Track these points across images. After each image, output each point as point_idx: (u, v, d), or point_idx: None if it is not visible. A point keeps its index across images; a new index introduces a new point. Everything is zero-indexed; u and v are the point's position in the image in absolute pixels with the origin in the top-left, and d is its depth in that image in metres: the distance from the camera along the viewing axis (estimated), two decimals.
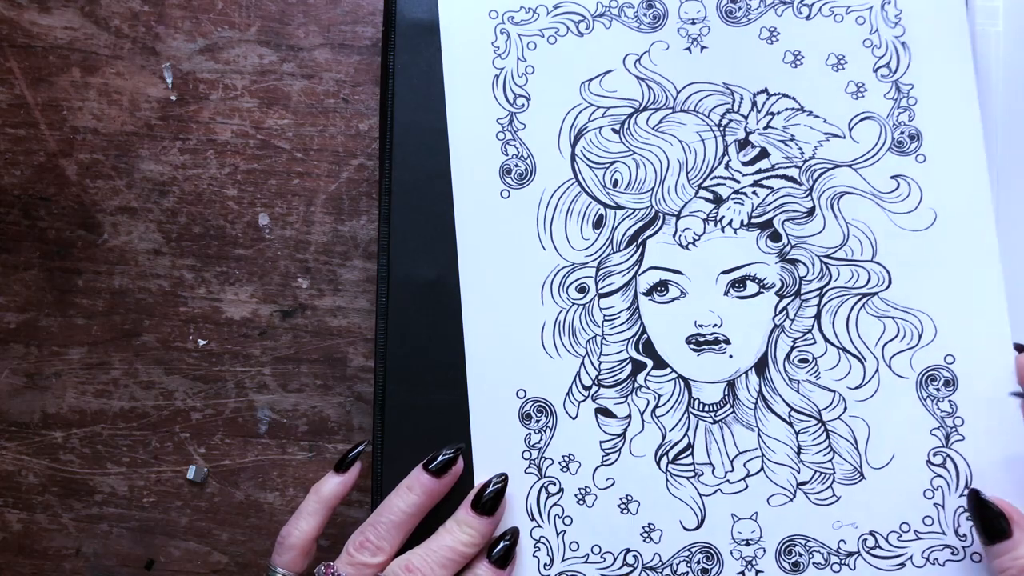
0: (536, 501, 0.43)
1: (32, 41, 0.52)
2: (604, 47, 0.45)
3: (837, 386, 0.43)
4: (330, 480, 0.44)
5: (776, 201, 0.44)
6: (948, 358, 0.43)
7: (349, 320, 0.50)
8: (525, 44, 0.45)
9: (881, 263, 0.44)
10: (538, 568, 0.43)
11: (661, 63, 0.45)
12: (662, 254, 0.44)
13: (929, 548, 0.42)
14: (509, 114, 0.45)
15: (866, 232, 0.44)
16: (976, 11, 0.47)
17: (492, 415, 0.44)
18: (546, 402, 0.44)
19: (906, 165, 0.44)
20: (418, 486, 0.42)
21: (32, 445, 0.51)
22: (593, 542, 0.43)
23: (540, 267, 0.44)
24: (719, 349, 0.44)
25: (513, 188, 0.45)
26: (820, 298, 0.44)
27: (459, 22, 0.45)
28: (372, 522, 0.42)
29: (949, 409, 0.43)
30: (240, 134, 0.51)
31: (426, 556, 0.41)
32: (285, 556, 0.43)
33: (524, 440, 0.44)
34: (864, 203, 0.44)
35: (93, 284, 0.51)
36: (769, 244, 0.44)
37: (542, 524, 0.43)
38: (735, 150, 0.44)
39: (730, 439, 0.44)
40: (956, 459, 0.43)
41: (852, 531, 0.43)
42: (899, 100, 0.44)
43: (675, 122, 0.45)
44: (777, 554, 0.43)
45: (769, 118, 0.44)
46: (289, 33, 0.51)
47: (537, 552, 0.43)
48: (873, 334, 0.43)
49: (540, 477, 0.44)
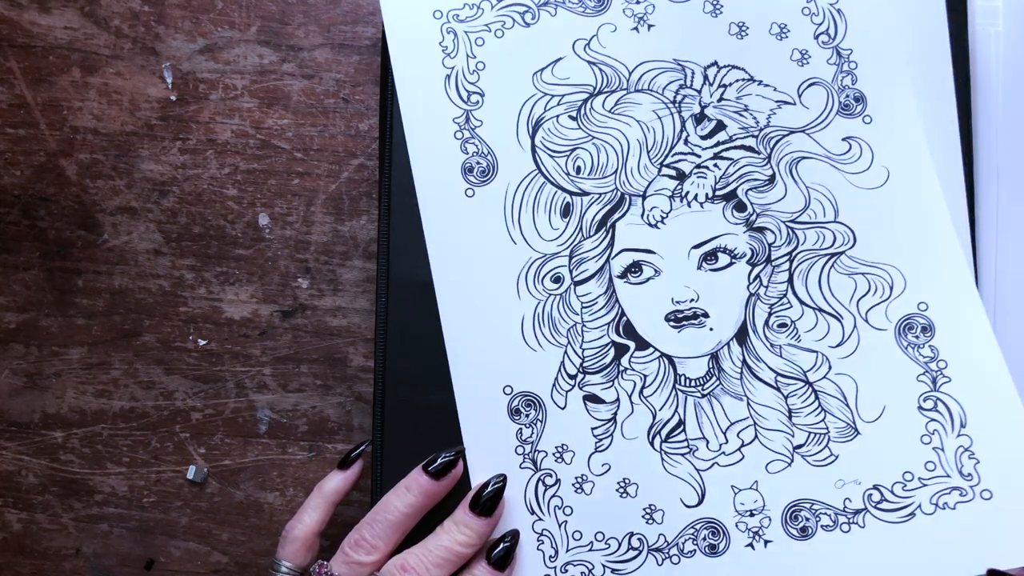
0: (535, 494, 0.43)
1: (32, 41, 0.52)
2: (552, 35, 0.45)
3: (818, 346, 0.44)
4: (333, 477, 0.45)
5: (737, 172, 0.45)
6: (921, 305, 0.44)
7: (349, 320, 0.50)
8: (473, 40, 0.45)
9: (844, 222, 0.44)
10: (543, 561, 0.43)
11: (610, 45, 0.45)
12: (632, 235, 0.45)
13: (936, 493, 0.42)
14: (464, 112, 0.45)
15: (826, 194, 0.45)
16: (976, 11, 0.47)
17: (481, 414, 0.44)
18: (533, 395, 0.44)
19: (855, 127, 0.45)
20: (416, 487, 0.42)
21: (32, 445, 0.51)
22: (596, 529, 0.43)
23: (513, 262, 0.45)
24: (698, 323, 0.44)
25: (477, 186, 0.45)
26: (791, 262, 0.44)
27: (404, 25, 0.45)
28: (369, 521, 0.42)
29: (931, 354, 0.43)
30: (240, 134, 0.51)
31: (422, 556, 0.41)
32: (288, 548, 0.44)
33: (516, 435, 0.44)
34: (821, 166, 0.45)
35: (93, 284, 0.51)
36: (735, 215, 0.45)
37: (543, 517, 0.43)
38: (692, 125, 0.45)
39: (720, 411, 0.44)
40: (947, 400, 0.43)
41: (856, 488, 0.43)
42: (841, 65, 0.45)
43: (631, 103, 0.45)
44: (783, 521, 0.43)
45: (722, 90, 0.45)
46: (289, 33, 0.51)
47: (541, 545, 0.43)
48: (846, 292, 0.44)
49: (536, 470, 0.43)
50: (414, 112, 0.45)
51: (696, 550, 0.43)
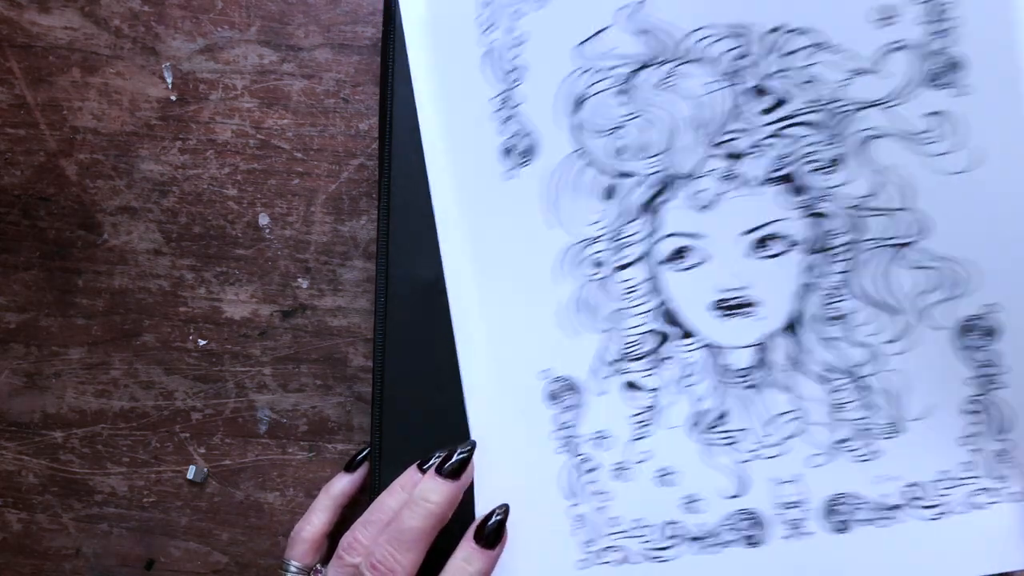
0: (570, 480, 0.43)
1: (32, 41, 0.52)
2: (594, 3, 0.42)
3: (871, 340, 0.42)
4: (340, 479, 0.46)
5: (798, 151, 0.41)
6: (990, 307, 0.41)
7: (349, 320, 0.50)
8: (511, 12, 0.43)
9: (916, 209, 0.40)
10: (579, 546, 0.42)
11: (659, 10, 0.41)
12: (678, 219, 0.42)
13: (969, 493, 0.42)
14: (503, 91, 0.43)
15: (898, 179, 0.40)
16: None
17: (513, 399, 0.43)
18: (572, 380, 0.43)
19: (944, 100, 0.40)
20: (411, 486, 0.42)
21: (32, 445, 0.51)
22: (633, 516, 0.43)
23: (551, 246, 0.43)
24: (745, 313, 0.42)
25: (516, 167, 0.43)
26: (851, 252, 0.41)
27: (440, 3, 0.43)
28: (363, 522, 0.42)
29: (987, 358, 0.41)
30: (240, 134, 0.51)
31: (386, 544, 0.40)
32: (297, 549, 0.45)
33: (552, 420, 0.43)
34: (896, 146, 0.40)
35: (93, 284, 0.51)
36: (792, 199, 0.41)
37: (579, 502, 0.43)
38: (749, 99, 0.41)
39: (763, 403, 0.42)
40: (993, 406, 0.41)
41: (894, 484, 0.42)
42: (934, 24, 0.39)
43: (681, 75, 0.42)
44: (823, 515, 0.42)
45: (785, 59, 0.41)
46: (289, 33, 0.51)
47: (578, 530, 0.42)
48: (908, 286, 0.41)
49: (573, 456, 0.43)
50: (451, 93, 0.43)
51: (734, 540, 0.42)
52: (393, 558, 0.39)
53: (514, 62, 0.43)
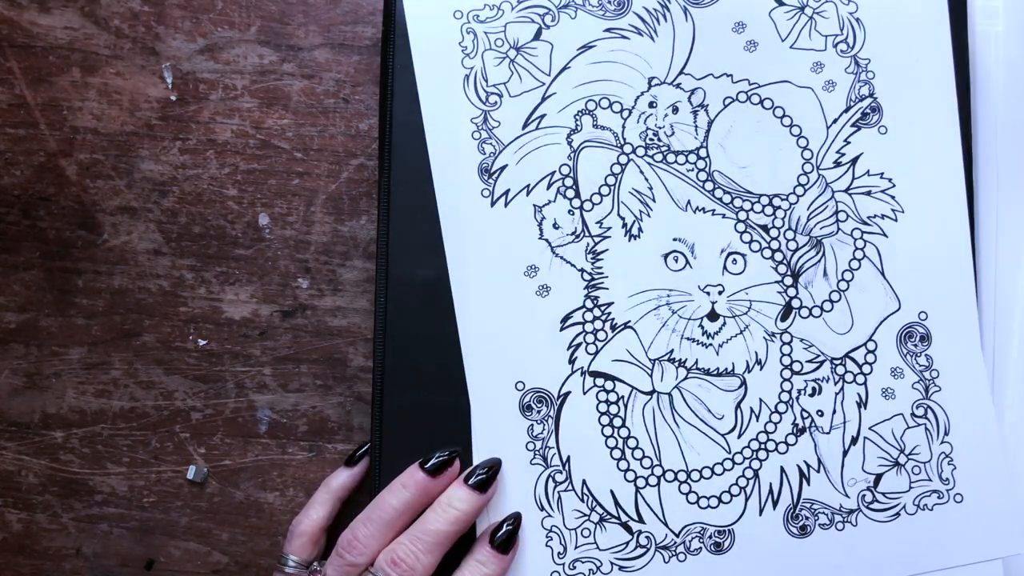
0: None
1: (32, 41, 0.52)
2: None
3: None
4: (340, 473, 0.47)
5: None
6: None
7: (349, 320, 0.50)
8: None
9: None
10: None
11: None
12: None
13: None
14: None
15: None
16: (976, 11, 0.47)
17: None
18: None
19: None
20: (412, 483, 0.42)
21: (32, 445, 0.51)
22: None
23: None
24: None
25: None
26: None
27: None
28: (363, 519, 0.42)
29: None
30: (240, 134, 0.51)
31: (411, 544, 0.40)
32: (295, 543, 0.45)
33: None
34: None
35: (93, 284, 0.51)
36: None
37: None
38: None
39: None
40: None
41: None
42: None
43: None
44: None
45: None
46: (289, 33, 0.51)
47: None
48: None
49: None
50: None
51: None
52: (415, 557, 0.40)
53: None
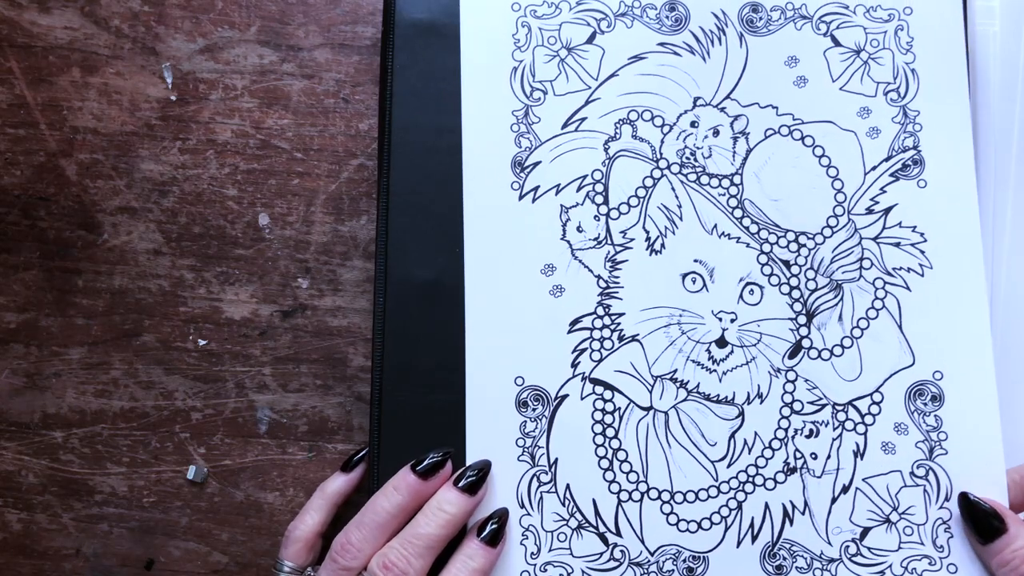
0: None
1: (32, 41, 0.52)
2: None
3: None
4: (336, 478, 0.46)
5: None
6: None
7: (349, 320, 0.50)
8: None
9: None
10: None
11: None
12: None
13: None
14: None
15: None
16: (974, 11, 0.47)
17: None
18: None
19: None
20: (404, 486, 0.42)
21: (32, 445, 0.51)
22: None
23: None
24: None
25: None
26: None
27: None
28: (356, 523, 0.41)
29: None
30: (240, 134, 0.51)
31: (402, 548, 0.40)
32: (290, 548, 0.45)
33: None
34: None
35: (93, 284, 0.51)
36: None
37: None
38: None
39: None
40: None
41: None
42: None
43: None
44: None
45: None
46: (289, 33, 0.51)
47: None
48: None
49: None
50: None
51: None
52: (407, 561, 0.40)
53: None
